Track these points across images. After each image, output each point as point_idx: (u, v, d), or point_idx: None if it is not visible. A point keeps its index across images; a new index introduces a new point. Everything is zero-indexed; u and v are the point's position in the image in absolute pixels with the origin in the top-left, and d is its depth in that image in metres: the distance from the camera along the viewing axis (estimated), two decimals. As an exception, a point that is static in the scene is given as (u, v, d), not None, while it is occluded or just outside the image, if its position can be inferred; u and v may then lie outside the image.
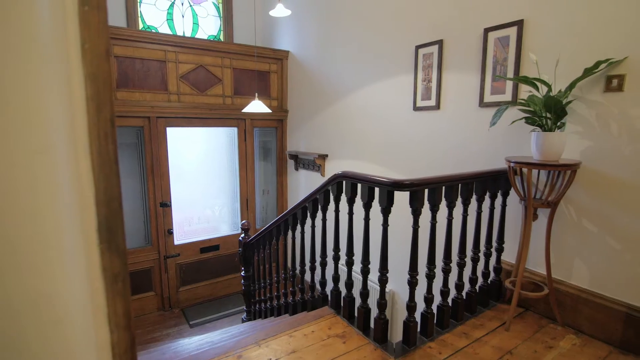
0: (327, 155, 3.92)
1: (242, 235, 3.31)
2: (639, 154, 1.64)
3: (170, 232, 4.19)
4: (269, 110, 3.55)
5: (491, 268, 2.12)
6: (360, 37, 3.35)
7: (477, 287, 2.04)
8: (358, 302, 1.93)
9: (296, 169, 4.61)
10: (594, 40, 1.75)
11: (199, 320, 4.10)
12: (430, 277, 1.75)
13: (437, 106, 2.58)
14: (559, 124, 1.75)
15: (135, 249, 4.06)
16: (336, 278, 2.08)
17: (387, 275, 1.75)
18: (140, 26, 4.50)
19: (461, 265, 1.92)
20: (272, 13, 3.40)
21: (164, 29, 4.71)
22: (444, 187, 1.74)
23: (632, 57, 1.63)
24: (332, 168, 3.84)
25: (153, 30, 4.57)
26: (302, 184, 4.52)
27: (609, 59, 1.62)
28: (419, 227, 1.66)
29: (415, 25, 2.74)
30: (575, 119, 1.83)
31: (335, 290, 2.08)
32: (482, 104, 2.27)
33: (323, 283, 2.22)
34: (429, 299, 1.79)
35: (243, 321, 3.49)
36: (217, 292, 4.64)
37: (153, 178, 4.03)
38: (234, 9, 5.12)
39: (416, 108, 2.75)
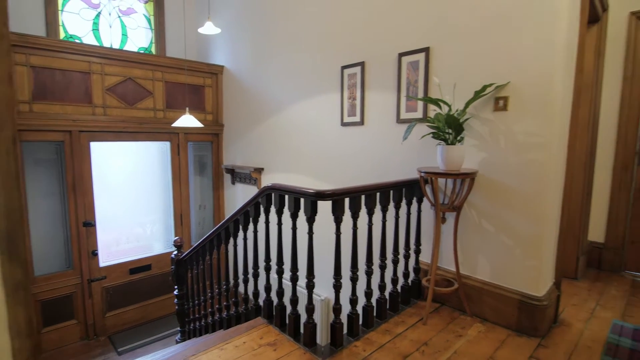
0: (263, 169, 3.98)
1: (175, 252, 3.22)
2: (521, 164, 1.94)
3: (94, 254, 3.91)
4: (200, 125, 3.53)
5: (411, 269, 2.32)
6: (292, 55, 3.51)
7: (398, 287, 2.23)
8: (289, 309, 2.00)
9: (233, 182, 4.60)
10: (484, 66, 2.06)
11: (128, 346, 3.85)
12: (354, 280, 1.89)
13: (362, 122, 2.79)
14: (459, 138, 2.01)
15: (54, 273, 3.72)
16: (268, 288, 2.14)
17: (314, 280, 1.85)
18: (62, 35, 4.24)
19: (383, 268, 2.08)
20: (201, 30, 3.43)
21: (89, 39, 4.48)
22: (363, 196, 1.90)
23: (513, 82, 1.95)
24: (269, 181, 3.90)
25: (76, 40, 4.32)
26: (239, 198, 4.51)
27: (493, 83, 1.93)
28: (341, 233, 1.79)
29: (341, 47, 2.96)
30: (473, 134, 2.12)
31: (268, 300, 2.13)
32: (399, 120, 2.51)
33: (256, 294, 2.26)
34: (354, 301, 1.92)
35: (177, 342, 3.36)
36: (149, 315, 4.39)
37: (75, 196, 3.75)
38: (167, 22, 5.04)
39: (343, 123, 2.94)
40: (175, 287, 3.29)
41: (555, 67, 1.80)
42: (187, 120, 3.35)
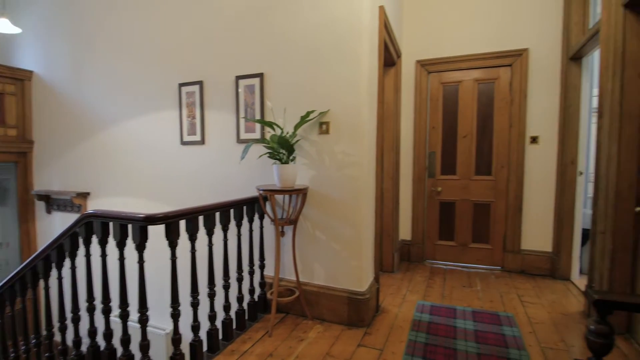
0: (89, 193, 3.44)
1: (-46, 308, 2.44)
2: (341, 178, 2.27)
3: None
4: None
5: (256, 284, 2.39)
6: (123, 68, 3.20)
7: (244, 305, 2.26)
8: (120, 351, 1.78)
9: (48, 212, 3.81)
10: (310, 95, 2.33)
11: None
12: (194, 305, 1.82)
13: (203, 141, 2.75)
14: (291, 157, 2.21)
15: None
16: (92, 332, 1.85)
17: (149, 314, 1.71)
18: None
19: (227, 288, 2.08)
20: (-6, 27, 2.80)
21: None
22: (201, 217, 1.87)
23: (332, 109, 2.27)
24: (97, 207, 3.41)
25: None
26: (58, 230, 3.76)
27: (315, 110, 2.21)
28: (177, 258, 1.71)
29: (178, 63, 2.87)
30: (303, 154, 2.37)
31: (93, 346, 1.85)
32: (239, 140, 2.59)
33: (77, 342, 1.92)
34: (195, 327, 1.85)
35: None
36: None
37: None
38: (-60, 9, 3.88)
39: (183, 142, 2.84)
40: (-44, 355, 2.49)
41: (361, 99, 2.20)
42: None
